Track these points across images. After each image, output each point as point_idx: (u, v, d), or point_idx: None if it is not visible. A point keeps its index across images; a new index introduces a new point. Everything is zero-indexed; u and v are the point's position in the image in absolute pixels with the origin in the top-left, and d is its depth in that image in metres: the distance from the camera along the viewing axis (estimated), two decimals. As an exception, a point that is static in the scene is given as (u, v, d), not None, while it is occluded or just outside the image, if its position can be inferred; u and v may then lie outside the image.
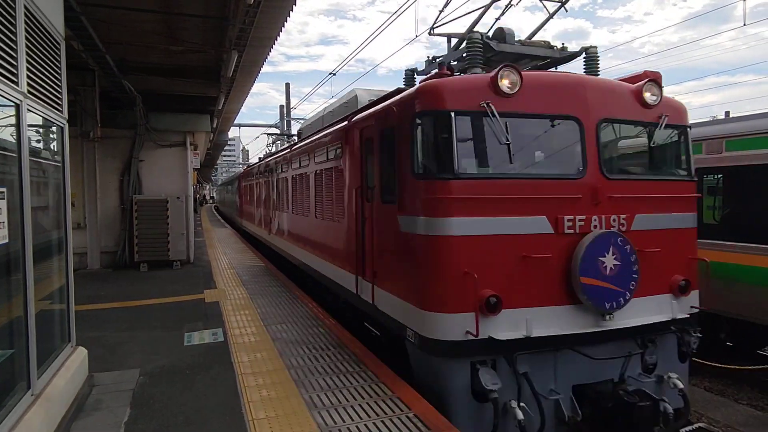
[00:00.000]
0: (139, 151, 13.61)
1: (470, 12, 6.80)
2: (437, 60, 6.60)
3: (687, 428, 6.09)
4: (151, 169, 14.00)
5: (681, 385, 5.01)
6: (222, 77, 11.97)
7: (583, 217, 4.81)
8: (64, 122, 5.07)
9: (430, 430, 4.15)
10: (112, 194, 13.56)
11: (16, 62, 3.75)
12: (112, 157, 13.48)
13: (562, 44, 6.26)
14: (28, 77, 4.00)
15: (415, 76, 6.78)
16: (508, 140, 4.69)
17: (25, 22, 3.93)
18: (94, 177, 13.18)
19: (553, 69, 6.25)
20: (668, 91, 5.62)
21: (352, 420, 4.34)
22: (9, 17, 3.61)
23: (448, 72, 5.38)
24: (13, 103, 3.74)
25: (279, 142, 31.50)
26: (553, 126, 5.06)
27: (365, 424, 4.25)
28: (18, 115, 3.82)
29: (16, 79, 3.74)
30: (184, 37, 10.54)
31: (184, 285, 10.93)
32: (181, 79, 13.05)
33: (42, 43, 4.37)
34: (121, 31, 9.69)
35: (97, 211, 13.25)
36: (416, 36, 12.97)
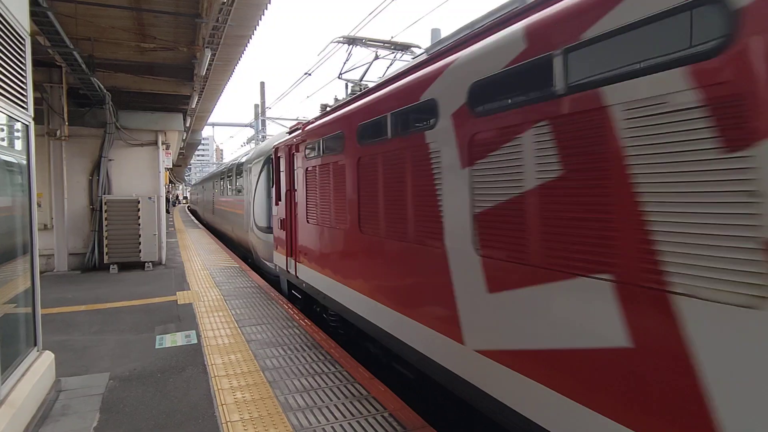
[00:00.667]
0: (108, 150, 13.27)
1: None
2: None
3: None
4: (121, 168, 13.67)
5: None
6: (195, 75, 11.80)
7: None
8: (30, 120, 4.93)
9: (406, 428, 4.17)
10: (81, 194, 13.19)
11: (-22, 58, 3.63)
12: (80, 156, 13.11)
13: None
14: (-9, 73, 3.88)
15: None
16: None
17: (-12, 17, 3.81)
18: (62, 177, 12.80)
19: None
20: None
21: (328, 421, 4.33)
22: (-30, 11, 3.49)
23: None
24: (-26, 100, 3.62)
25: (254, 142, 30.78)
26: None
27: (341, 425, 4.25)
28: (-20, 113, 3.70)
29: (-23, 75, 3.62)
30: (156, 34, 10.35)
31: (155, 287, 10.72)
32: (153, 76, 12.82)
33: (5, 38, 4.23)
34: (90, 26, 9.48)
35: (65, 212, 12.87)
36: (391, 38, 12.96)
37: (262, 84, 35.25)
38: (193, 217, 40.91)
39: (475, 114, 3.70)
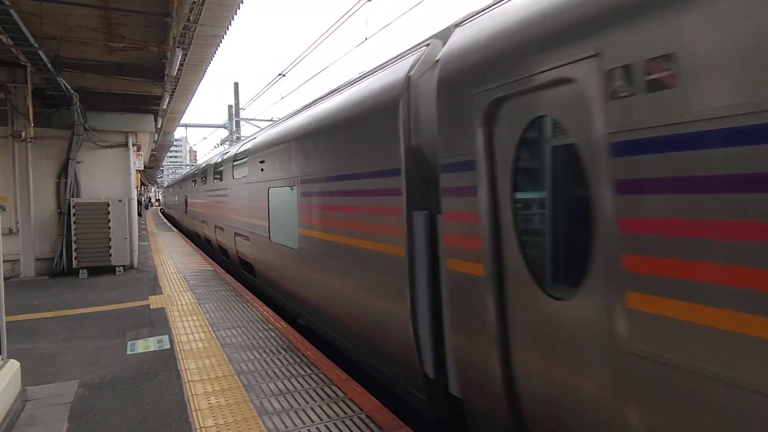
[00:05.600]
0: (76, 152, 12.90)
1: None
2: None
3: None
4: (90, 170, 13.32)
5: None
6: (166, 76, 11.60)
7: None
8: (-9, 121, 4.78)
9: (383, 429, 4.18)
10: (48, 198, 12.82)
11: (-65, 57, 3.51)
12: (47, 158, 12.73)
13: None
14: (-51, 73, 3.75)
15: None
16: None
17: (-55, 14, 3.68)
18: (27, 180, 12.40)
19: None
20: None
21: (304, 423, 4.31)
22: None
23: None
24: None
25: (227, 143, 30.41)
26: None
27: (317, 427, 4.23)
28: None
29: (-66, 75, 3.49)
30: (125, 33, 10.14)
31: (127, 291, 10.50)
32: (122, 77, 12.55)
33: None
34: (56, 25, 9.23)
35: (31, 216, 12.48)
36: (365, 39, 12.99)
37: (236, 84, 34.89)
38: (165, 220, 40.15)
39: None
